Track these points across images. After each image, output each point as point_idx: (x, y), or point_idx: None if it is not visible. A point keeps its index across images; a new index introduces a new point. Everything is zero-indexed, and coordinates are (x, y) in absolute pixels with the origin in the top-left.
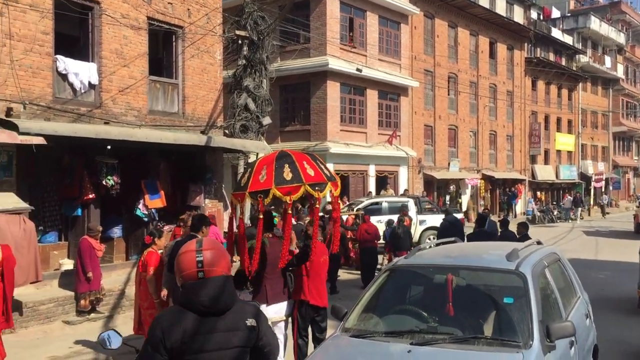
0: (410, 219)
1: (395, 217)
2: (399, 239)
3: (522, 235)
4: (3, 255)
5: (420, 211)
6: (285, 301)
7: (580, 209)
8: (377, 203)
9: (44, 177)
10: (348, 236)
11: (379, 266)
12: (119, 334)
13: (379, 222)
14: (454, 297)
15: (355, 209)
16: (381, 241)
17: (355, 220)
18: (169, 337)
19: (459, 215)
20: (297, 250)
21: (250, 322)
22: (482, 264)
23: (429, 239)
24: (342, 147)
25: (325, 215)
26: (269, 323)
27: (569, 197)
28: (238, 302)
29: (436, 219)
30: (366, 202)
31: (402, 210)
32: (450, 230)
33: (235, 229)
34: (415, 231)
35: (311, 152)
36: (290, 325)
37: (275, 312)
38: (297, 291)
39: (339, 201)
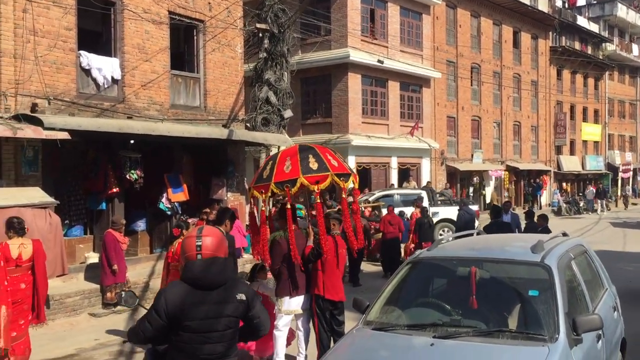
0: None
1: (407, 209)
2: (427, 228)
3: (543, 227)
4: (33, 250)
5: (433, 203)
6: (305, 294)
7: (605, 200)
8: (389, 195)
9: (69, 171)
10: (371, 225)
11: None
12: (136, 295)
13: None
14: (477, 290)
15: (371, 201)
16: None
17: (373, 211)
18: (171, 305)
19: (474, 207)
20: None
21: (240, 296)
22: (507, 257)
23: (441, 233)
24: (363, 139)
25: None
26: (292, 316)
27: (592, 188)
28: (232, 279)
29: (449, 211)
30: (378, 194)
31: (416, 202)
32: (469, 222)
33: (257, 222)
34: None
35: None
36: (311, 319)
37: (298, 304)
38: (313, 285)
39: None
